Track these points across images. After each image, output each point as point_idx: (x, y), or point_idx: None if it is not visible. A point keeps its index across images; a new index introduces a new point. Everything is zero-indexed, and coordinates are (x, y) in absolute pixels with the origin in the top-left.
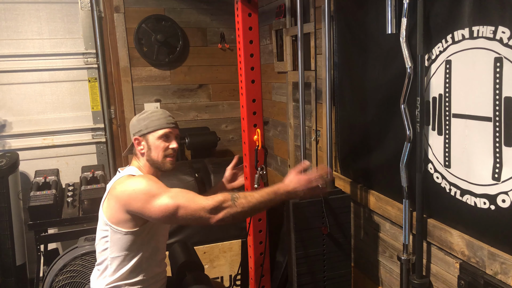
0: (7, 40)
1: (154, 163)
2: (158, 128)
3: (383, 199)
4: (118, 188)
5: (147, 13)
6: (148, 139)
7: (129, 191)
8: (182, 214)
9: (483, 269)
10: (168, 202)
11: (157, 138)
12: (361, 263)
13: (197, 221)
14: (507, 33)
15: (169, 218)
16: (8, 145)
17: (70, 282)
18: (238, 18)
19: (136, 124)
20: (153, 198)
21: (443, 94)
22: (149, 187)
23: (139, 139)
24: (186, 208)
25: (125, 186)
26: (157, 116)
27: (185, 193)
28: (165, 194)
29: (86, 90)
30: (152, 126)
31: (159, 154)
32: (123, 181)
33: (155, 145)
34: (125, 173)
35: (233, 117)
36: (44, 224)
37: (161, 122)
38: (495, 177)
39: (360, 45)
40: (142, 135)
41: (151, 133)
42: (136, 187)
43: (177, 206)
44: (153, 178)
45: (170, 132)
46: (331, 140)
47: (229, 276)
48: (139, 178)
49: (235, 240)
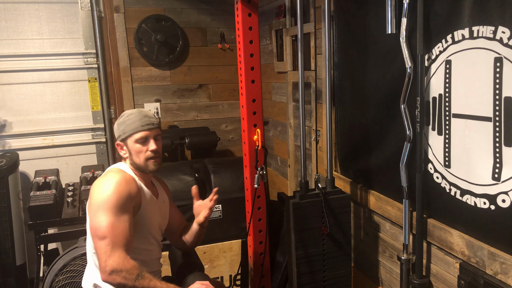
0: (7, 40)
1: (137, 166)
2: (134, 132)
3: (383, 199)
4: (94, 184)
5: (147, 13)
6: (128, 143)
7: (94, 191)
8: (98, 246)
9: (483, 269)
10: (103, 227)
11: (134, 142)
12: (361, 263)
13: (98, 260)
14: (507, 33)
15: (93, 237)
16: (8, 145)
17: (70, 282)
18: (238, 18)
19: (116, 129)
20: (100, 212)
21: (443, 94)
22: (108, 199)
23: (120, 144)
24: (104, 245)
25: (95, 185)
26: (132, 119)
27: (119, 234)
28: (108, 221)
29: (86, 90)
30: (128, 130)
31: (140, 157)
32: (100, 178)
33: (134, 149)
34: (113, 166)
35: (233, 117)
36: (44, 224)
37: (136, 125)
38: (495, 177)
39: (360, 45)
40: (121, 140)
41: (128, 138)
42: (99, 193)
43: (103, 236)
44: (120, 189)
45: (147, 134)
46: (331, 140)
47: (229, 276)
48: (108, 183)
49: (235, 240)
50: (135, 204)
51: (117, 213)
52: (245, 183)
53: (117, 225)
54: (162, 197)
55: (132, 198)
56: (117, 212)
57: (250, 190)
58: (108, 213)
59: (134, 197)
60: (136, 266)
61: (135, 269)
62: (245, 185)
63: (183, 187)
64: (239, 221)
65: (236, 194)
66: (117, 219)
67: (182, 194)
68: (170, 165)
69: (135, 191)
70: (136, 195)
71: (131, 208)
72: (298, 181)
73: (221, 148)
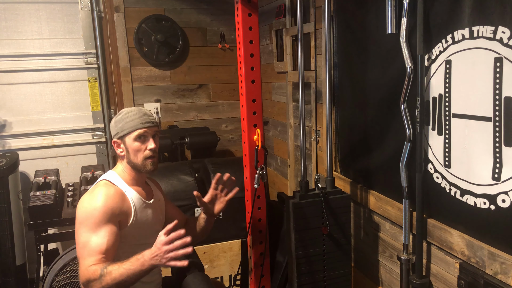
0: (7, 40)
1: (134, 165)
2: (133, 130)
3: (383, 199)
4: (80, 199)
5: (147, 13)
6: (125, 141)
7: (79, 206)
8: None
9: (483, 269)
10: (78, 245)
11: (133, 140)
12: (361, 263)
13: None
14: (507, 33)
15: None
16: (8, 145)
17: (70, 282)
18: (238, 18)
19: (114, 127)
20: (78, 231)
21: (443, 94)
22: (88, 216)
23: (117, 142)
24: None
25: (80, 202)
26: (131, 116)
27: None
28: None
29: (86, 90)
30: (127, 128)
31: (138, 156)
32: (86, 194)
33: (132, 147)
34: (101, 178)
35: (233, 117)
36: (44, 224)
37: (135, 123)
38: (495, 177)
39: (360, 45)
40: (119, 137)
41: (127, 136)
42: (80, 211)
43: (79, 256)
44: (101, 205)
45: (146, 132)
46: (331, 140)
47: (229, 276)
48: (91, 200)
49: (235, 240)
50: (121, 218)
51: (95, 229)
52: (245, 183)
53: (91, 241)
54: (157, 196)
55: (115, 214)
56: (95, 228)
57: (250, 190)
58: (84, 231)
59: (119, 213)
60: (96, 268)
61: (96, 271)
62: (245, 185)
63: (183, 187)
64: (239, 221)
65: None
66: (93, 235)
67: (182, 194)
68: (170, 165)
69: (120, 205)
70: (121, 210)
71: (114, 221)
72: (298, 181)
73: (221, 148)
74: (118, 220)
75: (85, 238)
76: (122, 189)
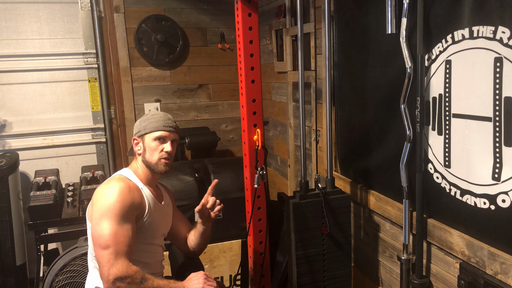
0: (7, 40)
1: (148, 164)
2: (154, 130)
3: (383, 199)
4: (96, 191)
5: (147, 13)
6: (145, 140)
7: (97, 199)
8: (101, 254)
9: (483, 269)
10: (106, 236)
11: (152, 139)
12: (361, 263)
13: (100, 269)
14: (507, 33)
15: (95, 245)
16: (8, 145)
17: (70, 282)
18: (238, 18)
19: (137, 125)
20: (103, 221)
21: (443, 94)
22: (112, 207)
23: (137, 140)
24: (107, 254)
25: (98, 192)
26: (156, 118)
27: (122, 243)
28: (111, 229)
29: (86, 90)
30: (150, 127)
31: (153, 155)
32: (103, 185)
33: (150, 146)
34: (116, 174)
35: (233, 117)
36: (44, 224)
37: (159, 124)
38: (495, 177)
39: (360, 45)
40: (140, 135)
41: (147, 134)
42: (102, 200)
43: (106, 245)
44: (123, 198)
45: (167, 136)
46: (331, 140)
47: (229, 276)
48: (111, 191)
49: (235, 240)
50: (138, 212)
51: (120, 221)
52: (245, 183)
53: (120, 234)
54: (166, 200)
55: (135, 206)
56: (120, 220)
57: (250, 190)
58: (111, 222)
59: (137, 206)
60: (139, 270)
61: (138, 274)
62: (245, 185)
63: (183, 187)
64: (239, 221)
65: (236, 194)
66: (120, 228)
67: (182, 194)
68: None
69: (138, 199)
70: (139, 204)
71: (133, 216)
72: (298, 181)
73: (221, 148)
74: (135, 214)
75: (111, 229)
76: (138, 185)
